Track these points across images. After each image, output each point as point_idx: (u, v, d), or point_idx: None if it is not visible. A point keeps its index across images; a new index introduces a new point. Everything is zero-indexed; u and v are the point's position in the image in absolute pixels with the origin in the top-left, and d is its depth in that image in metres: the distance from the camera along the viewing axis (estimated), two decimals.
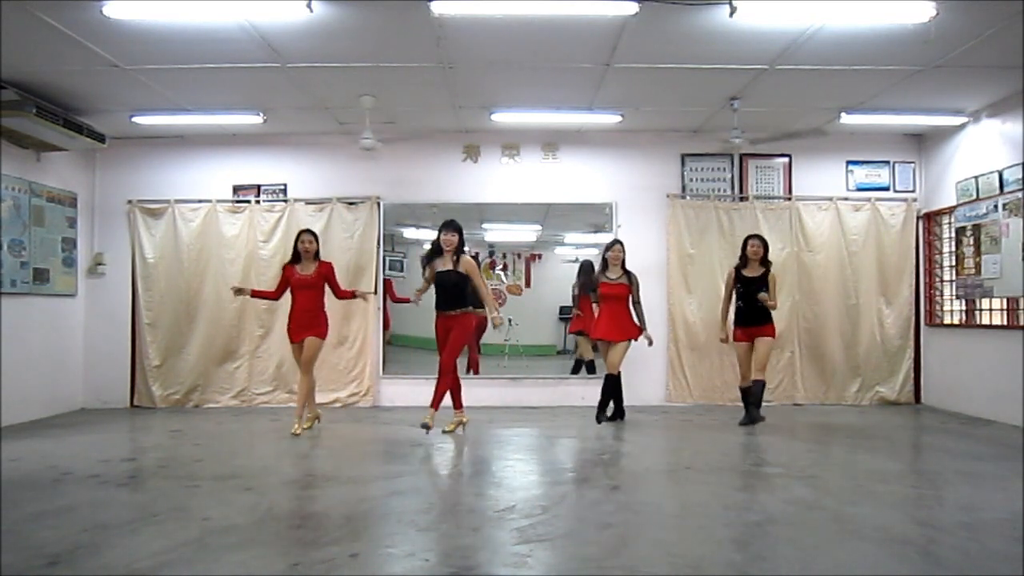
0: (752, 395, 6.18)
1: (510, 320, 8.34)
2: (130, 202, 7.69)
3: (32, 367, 6.79)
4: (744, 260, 6.31)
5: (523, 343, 8.39)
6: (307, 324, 5.97)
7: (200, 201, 7.69)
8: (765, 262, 6.27)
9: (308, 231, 6.14)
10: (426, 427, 5.61)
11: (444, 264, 5.80)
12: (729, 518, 3.58)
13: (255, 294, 6.34)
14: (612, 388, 6.45)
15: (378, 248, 7.69)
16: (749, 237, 6.40)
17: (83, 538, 3.26)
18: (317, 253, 6.07)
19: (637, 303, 6.40)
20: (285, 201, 7.72)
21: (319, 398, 7.51)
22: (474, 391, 7.60)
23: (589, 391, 7.57)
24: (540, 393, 7.68)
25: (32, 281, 6.78)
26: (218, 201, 7.69)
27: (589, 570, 2.92)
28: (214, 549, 3.13)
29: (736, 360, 6.52)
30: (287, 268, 6.09)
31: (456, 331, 5.77)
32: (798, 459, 5.01)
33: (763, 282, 6.16)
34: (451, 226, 5.80)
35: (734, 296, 6.35)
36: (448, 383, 5.77)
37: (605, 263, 6.49)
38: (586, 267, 8.19)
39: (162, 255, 7.64)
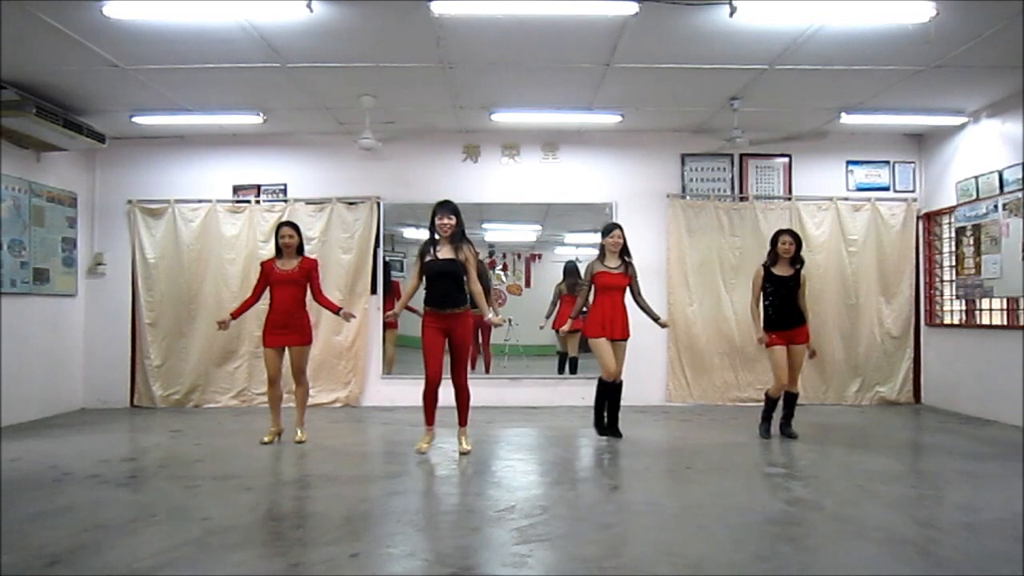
0: (788, 408, 5.78)
1: (510, 320, 8.33)
2: (130, 202, 7.69)
3: (32, 367, 6.79)
4: (774, 258, 5.74)
5: (523, 343, 8.39)
6: (287, 326, 5.43)
7: (200, 201, 7.69)
8: (797, 260, 5.73)
9: (288, 223, 5.67)
10: (466, 453, 5.12)
11: (441, 252, 5.00)
12: (729, 518, 3.58)
13: (236, 314, 5.65)
14: (617, 398, 5.79)
15: (377, 248, 7.69)
16: (780, 233, 5.79)
17: (83, 538, 3.26)
18: (300, 247, 5.63)
19: (639, 294, 5.76)
20: (285, 201, 7.72)
21: (320, 398, 7.55)
22: (474, 391, 7.59)
23: (589, 391, 7.54)
24: (540, 393, 7.68)
25: (32, 281, 6.78)
26: (218, 201, 7.69)
27: (589, 570, 2.92)
28: (214, 549, 3.13)
29: (773, 365, 5.77)
30: (266, 264, 5.62)
31: (459, 334, 5.02)
32: (798, 459, 5.02)
33: (796, 282, 5.68)
34: (446, 207, 5.01)
35: (762, 297, 5.76)
36: (468, 396, 5.15)
37: (602, 251, 5.74)
38: (570, 268, 8.23)
39: (162, 255, 7.64)
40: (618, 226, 5.79)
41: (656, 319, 5.82)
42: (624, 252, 5.77)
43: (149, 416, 7.11)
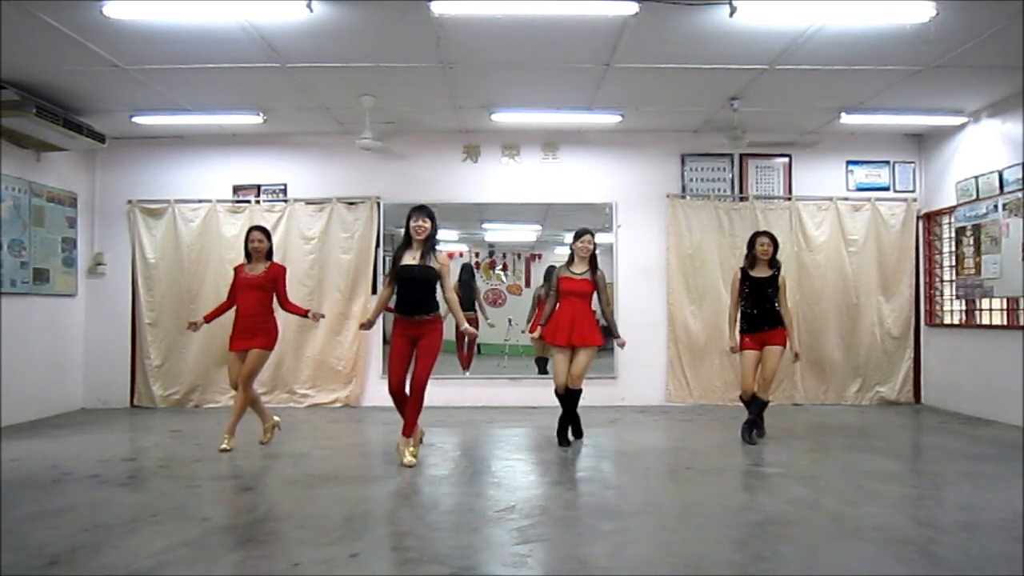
0: (751, 413, 5.57)
1: (510, 320, 8.34)
2: (130, 202, 7.69)
3: (32, 367, 6.79)
4: (752, 260, 5.66)
5: (523, 343, 8.39)
6: (250, 331, 5.28)
7: (200, 201, 7.69)
8: (775, 262, 5.64)
9: (258, 228, 5.54)
10: (411, 466, 4.72)
11: (412, 257, 4.84)
12: (729, 518, 3.58)
13: (209, 318, 5.53)
14: (574, 405, 5.57)
15: (378, 248, 7.69)
16: (757, 234, 5.72)
17: (83, 538, 3.27)
18: (270, 252, 5.51)
19: (608, 304, 5.59)
20: (285, 201, 7.72)
21: (319, 398, 7.55)
22: (474, 391, 7.65)
23: (587, 391, 7.52)
24: (540, 393, 7.64)
25: (32, 281, 6.78)
26: (218, 201, 7.69)
27: (589, 570, 2.92)
28: (214, 549, 3.13)
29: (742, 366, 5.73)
30: (237, 268, 5.51)
31: (426, 341, 4.79)
32: (798, 459, 5.02)
33: (773, 284, 5.56)
34: (422, 211, 4.86)
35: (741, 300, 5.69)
36: (420, 405, 4.83)
37: (572, 256, 5.55)
38: (550, 273, 8.23)
39: (162, 255, 7.64)
40: (589, 231, 5.56)
41: (615, 336, 5.61)
42: (593, 260, 5.52)
43: (149, 416, 7.11)
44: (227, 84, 6.14)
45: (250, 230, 5.54)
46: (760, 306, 5.61)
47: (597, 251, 5.57)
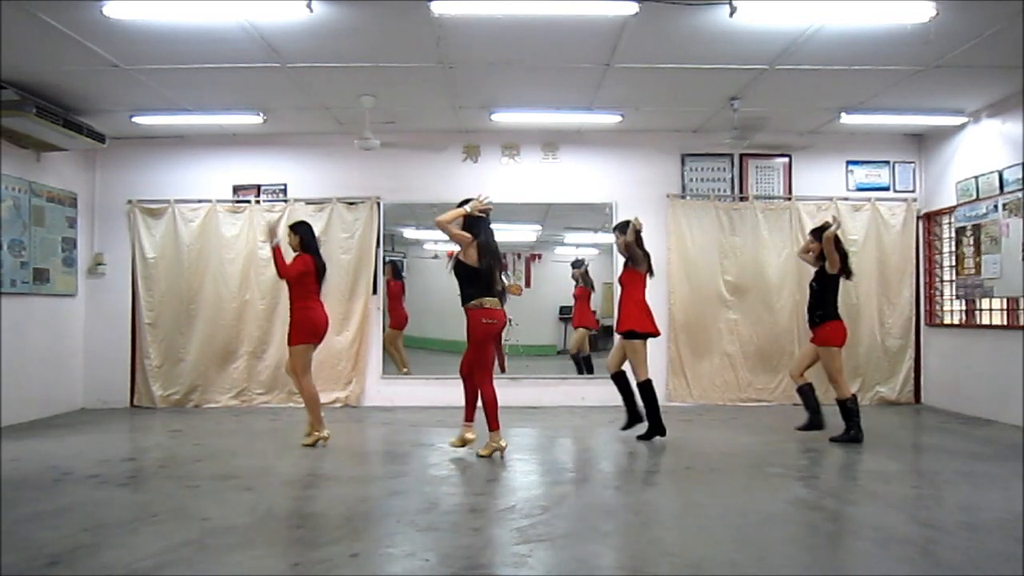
0: (808, 412, 5.80)
1: (510, 320, 8.35)
2: (130, 202, 7.69)
3: (32, 367, 6.79)
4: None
5: (523, 343, 8.39)
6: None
7: (200, 201, 7.68)
8: (829, 257, 5.68)
9: (290, 224, 5.78)
10: (457, 446, 5.08)
11: None
12: (729, 518, 3.58)
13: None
14: (620, 389, 5.71)
15: (378, 248, 7.69)
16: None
17: (83, 538, 3.26)
18: (305, 247, 5.53)
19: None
20: (285, 201, 7.72)
21: (319, 398, 7.53)
22: None
23: (589, 391, 7.60)
24: (540, 393, 7.68)
25: (32, 281, 6.78)
26: (218, 201, 7.69)
27: (589, 570, 2.92)
28: (214, 549, 3.13)
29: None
30: None
31: (467, 334, 5.03)
32: (798, 459, 5.02)
33: (817, 280, 5.76)
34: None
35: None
36: (469, 390, 5.10)
37: None
38: (577, 264, 8.42)
39: (162, 255, 7.63)
40: (617, 227, 5.83)
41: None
42: (627, 251, 5.68)
43: (149, 416, 7.11)
44: (227, 84, 6.14)
45: None
46: (809, 301, 5.85)
47: (623, 246, 5.72)
